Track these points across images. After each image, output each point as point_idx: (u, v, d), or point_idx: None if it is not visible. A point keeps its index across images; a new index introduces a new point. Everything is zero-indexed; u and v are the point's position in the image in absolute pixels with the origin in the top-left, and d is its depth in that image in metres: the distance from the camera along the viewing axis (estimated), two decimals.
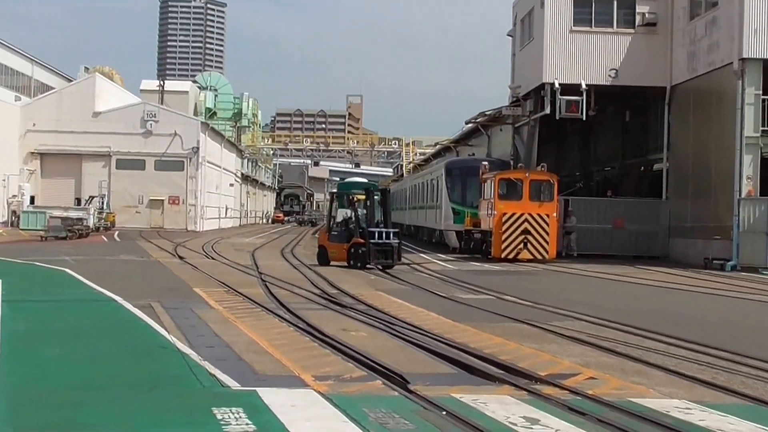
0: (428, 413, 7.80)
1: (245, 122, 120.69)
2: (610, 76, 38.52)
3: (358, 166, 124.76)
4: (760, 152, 32.23)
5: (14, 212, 61.68)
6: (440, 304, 17.52)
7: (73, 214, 52.82)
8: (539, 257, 32.92)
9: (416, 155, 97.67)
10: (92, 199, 60.26)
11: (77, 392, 8.53)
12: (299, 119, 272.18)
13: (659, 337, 12.93)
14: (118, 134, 67.80)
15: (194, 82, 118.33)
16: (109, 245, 42.35)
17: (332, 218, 30.27)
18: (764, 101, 32.22)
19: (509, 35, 47.58)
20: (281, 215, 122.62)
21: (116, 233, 55.44)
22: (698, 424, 7.72)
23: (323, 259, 28.87)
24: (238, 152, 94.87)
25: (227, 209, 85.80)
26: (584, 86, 38.08)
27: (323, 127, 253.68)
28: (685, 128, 37.11)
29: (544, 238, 33.11)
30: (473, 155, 54.37)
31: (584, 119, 38.92)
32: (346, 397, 8.30)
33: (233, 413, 7.54)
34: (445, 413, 7.76)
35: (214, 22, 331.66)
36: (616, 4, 38.60)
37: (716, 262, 31.98)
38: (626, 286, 24.42)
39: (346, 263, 27.60)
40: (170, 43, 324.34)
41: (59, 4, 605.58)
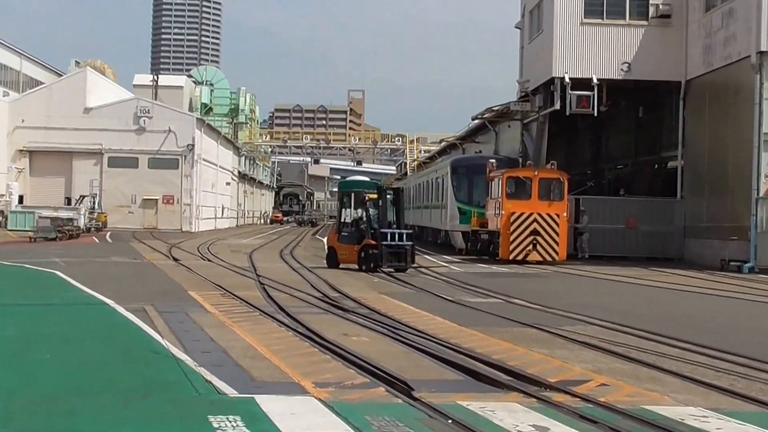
0: (433, 421, 7.79)
1: (242, 118, 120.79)
2: (622, 70, 38.53)
3: (360, 163, 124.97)
4: None
5: (2, 212, 61.74)
6: (446, 307, 17.53)
7: (63, 214, 52.86)
8: (549, 259, 32.93)
9: (420, 152, 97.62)
10: (83, 198, 60.31)
11: (67, 399, 8.52)
12: (299, 115, 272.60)
13: (674, 342, 12.93)
14: (110, 131, 67.91)
15: (189, 76, 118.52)
16: (100, 246, 42.40)
17: (342, 218, 29.80)
18: None
19: (517, 27, 47.61)
20: (280, 215, 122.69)
21: (108, 234, 55.52)
22: None
23: (332, 261, 28.46)
24: (235, 149, 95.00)
25: (224, 209, 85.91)
26: (595, 80, 38.13)
27: (324, 123, 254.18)
28: (700, 124, 37.10)
29: (553, 238, 33.12)
30: (480, 152, 54.41)
31: (596, 115, 38.99)
32: (347, 404, 8.30)
33: (230, 421, 7.53)
34: (450, 421, 7.75)
35: (210, 13, 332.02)
36: None
37: (733, 263, 31.99)
38: (640, 288, 24.41)
39: (356, 266, 27.17)
40: (164, 35, 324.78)
41: None
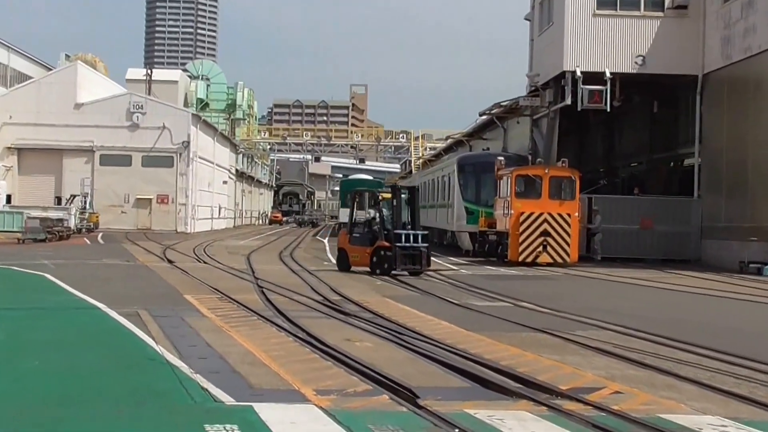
0: (439, 430, 7.80)
1: (240, 114, 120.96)
2: (636, 63, 38.50)
3: (362, 161, 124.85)
4: None
5: None
6: (452, 311, 17.52)
7: (52, 214, 53.01)
8: (560, 261, 32.92)
9: (426, 150, 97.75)
10: (74, 198, 60.46)
11: (57, 408, 8.53)
12: (299, 111, 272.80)
13: (691, 347, 12.92)
14: (101, 127, 68.01)
15: (184, 70, 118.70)
16: (92, 248, 42.46)
17: (353, 218, 29.39)
18: None
19: (527, 19, 47.58)
20: (279, 215, 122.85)
21: (100, 235, 55.62)
22: None
23: (343, 263, 28.23)
24: (232, 147, 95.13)
25: (220, 209, 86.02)
26: (608, 74, 38.11)
27: (325, 119, 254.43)
28: (718, 120, 37.07)
29: (565, 239, 33.10)
30: (488, 150, 54.42)
31: (608, 110, 38.96)
32: (349, 412, 8.30)
33: (227, 430, 7.54)
34: (457, 430, 7.76)
35: (206, 5, 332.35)
36: None
37: (753, 266, 31.95)
38: (655, 292, 24.40)
39: (368, 269, 26.94)
40: (158, 28, 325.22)
41: None
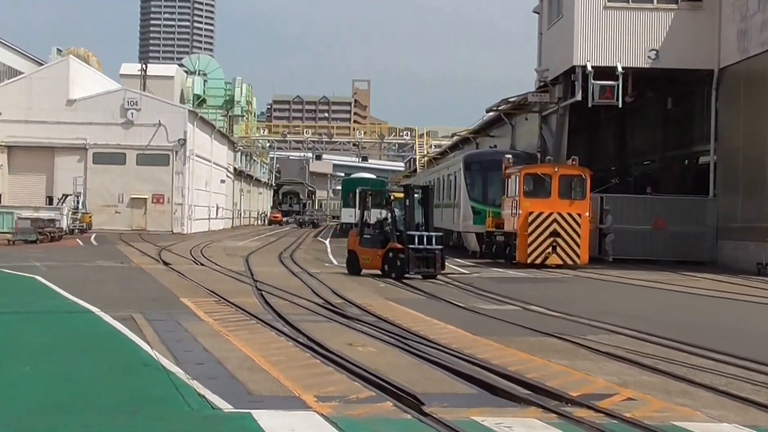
0: None
1: (238, 111, 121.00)
2: (649, 57, 38.45)
3: (365, 159, 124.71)
4: None
5: None
6: (458, 315, 17.52)
7: (44, 214, 53.03)
8: (570, 262, 32.90)
9: (431, 148, 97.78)
10: (66, 197, 60.47)
11: (49, 416, 8.53)
12: (299, 107, 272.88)
13: (707, 352, 12.90)
14: (95, 124, 68.04)
15: (180, 65, 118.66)
16: (85, 249, 42.48)
17: (364, 219, 29.20)
18: None
19: (535, 12, 47.57)
20: (279, 215, 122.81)
21: (93, 236, 55.63)
22: None
23: (353, 266, 27.98)
24: (230, 144, 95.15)
25: (218, 209, 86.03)
26: (620, 69, 38.05)
27: (326, 116, 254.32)
28: (734, 116, 37.03)
29: (575, 240, 33.07)
30: (495, 147, 54.41)
31: (620, 106, 38.93)
32: (352, 420, 8.29)
33: None
34: None
35: None
36: None
37: None
38: (668, 295, 24.38)
39: (380, 272, 26.70)
40: (153, 21, 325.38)
41: None
